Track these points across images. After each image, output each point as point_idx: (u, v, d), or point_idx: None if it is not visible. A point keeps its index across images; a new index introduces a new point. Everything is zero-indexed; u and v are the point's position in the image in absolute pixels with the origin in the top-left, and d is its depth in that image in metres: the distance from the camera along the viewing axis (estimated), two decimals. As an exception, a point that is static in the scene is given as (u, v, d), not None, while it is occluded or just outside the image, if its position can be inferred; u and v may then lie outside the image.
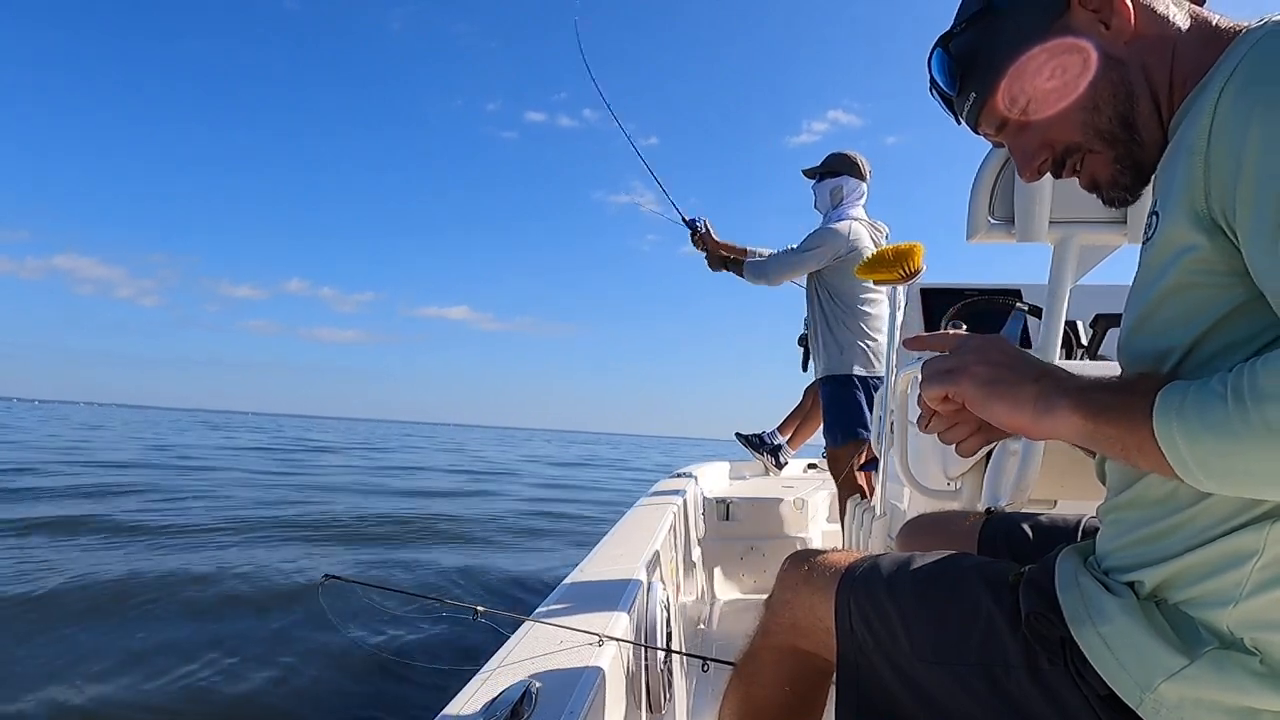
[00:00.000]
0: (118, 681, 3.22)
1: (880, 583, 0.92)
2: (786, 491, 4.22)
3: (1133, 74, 0.74)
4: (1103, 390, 0.67)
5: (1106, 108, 0.75)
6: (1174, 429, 0.60)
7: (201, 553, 5.81)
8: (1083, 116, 0.77)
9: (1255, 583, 0.66)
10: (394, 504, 9.79)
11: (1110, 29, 0.75)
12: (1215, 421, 0.57)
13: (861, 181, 3.44)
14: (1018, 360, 0.73)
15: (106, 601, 4.32)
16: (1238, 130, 0.60)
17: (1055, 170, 0.82)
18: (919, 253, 1.96)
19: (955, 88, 0.84)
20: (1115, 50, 0.75)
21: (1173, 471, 0.61)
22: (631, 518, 2.81)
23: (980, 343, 0.76)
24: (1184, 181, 0.65)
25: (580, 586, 1.79)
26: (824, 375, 3.48)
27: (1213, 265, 0.65)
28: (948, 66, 0.84)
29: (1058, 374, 0.71)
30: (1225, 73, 0.63)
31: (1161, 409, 0.61)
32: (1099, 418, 0.66)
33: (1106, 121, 0.76)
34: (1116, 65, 0.75)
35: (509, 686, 1.13)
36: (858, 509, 2.91)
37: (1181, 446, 0.60)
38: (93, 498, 8.57)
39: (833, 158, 3.47)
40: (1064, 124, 0.78)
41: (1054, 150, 0.81)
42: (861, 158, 3.45)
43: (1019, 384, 0.71)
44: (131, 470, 12.31)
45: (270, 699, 3.19)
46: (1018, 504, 1.42)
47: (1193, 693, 0.67)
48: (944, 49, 0.83)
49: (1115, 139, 0.77)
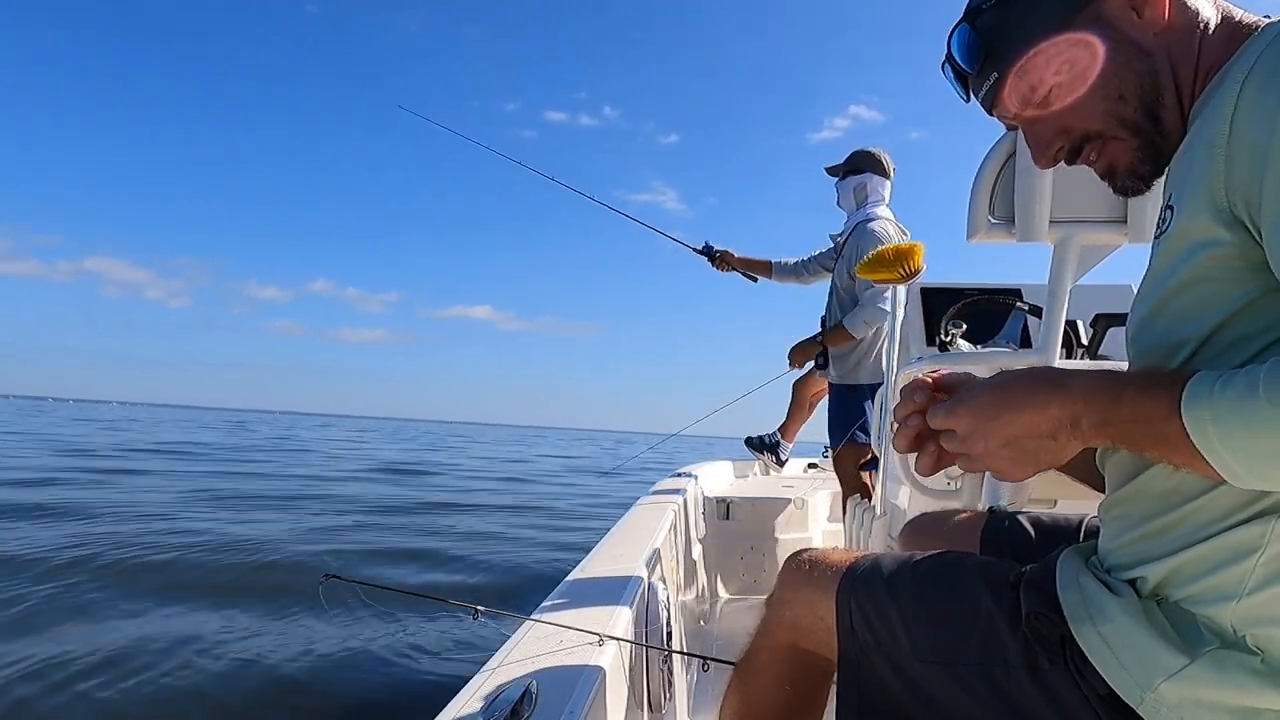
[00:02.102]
0: (97, 679, 3.21)
1: (881, 582, 0.92)
2: (787, 491, 4.22)
3: (1160, 65, 0.74)
4: (1121, 422, 0.65)
5: (1133, 98, 0.74)
6: (1216, 446, 0.59)
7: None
8: (1108, 105, 0.75)
9: (1259, 578, 0.65)
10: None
11: (1143, 18, 0.74)
12: (1260, 431, 0.57)
13: (886, 179, 3.41)
14: (1020, 434, 0.70)
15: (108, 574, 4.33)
16: (1261, 123, 0.60)
17: (1070, 158, 0.81)
18: (919, 252, 1.96)
19: (976, 66, 0.82)
20: (1145, 40, 0.74)
21: (1216, 474, 0.60)
22: (632, 517, 2.81)
23: (980, 426, 0.72)
24: (1203, 174, 0.64)
25: (580, 586, 1.79)
26: (836, 380, 3.49)
27: (1231, 259, 0.65)
28: (972, 44, 0.81)
29: (1060, 410, 0.67)
30: (1245, 65, 0.63)
31: (1196, 429, 0.60)
32: (1134, 447, 0.66)
33: (1132, 111, 0.75)
34: (1145, 55, 0.74)
35: (509, 686, 1.13)
36: (858, 509, 2.91)
37: (1231, 462, 0.59)
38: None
39: (857, 155, 3.43)
40: (1087, 111, 0.77)
41: (1070, 137, 0.79)
42: (885, 154, 3.41)
43: (1044, 444, 0.69)
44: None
45: (269, 698, 3.19)
46: (1018, 504, 1.42)
47: (1193, 692, 0.67)
48: (971, 25, 0.81)
49: (1139, 128, 0.75)
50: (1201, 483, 0.68)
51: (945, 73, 0.86)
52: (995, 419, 0.70)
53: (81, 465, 12.26)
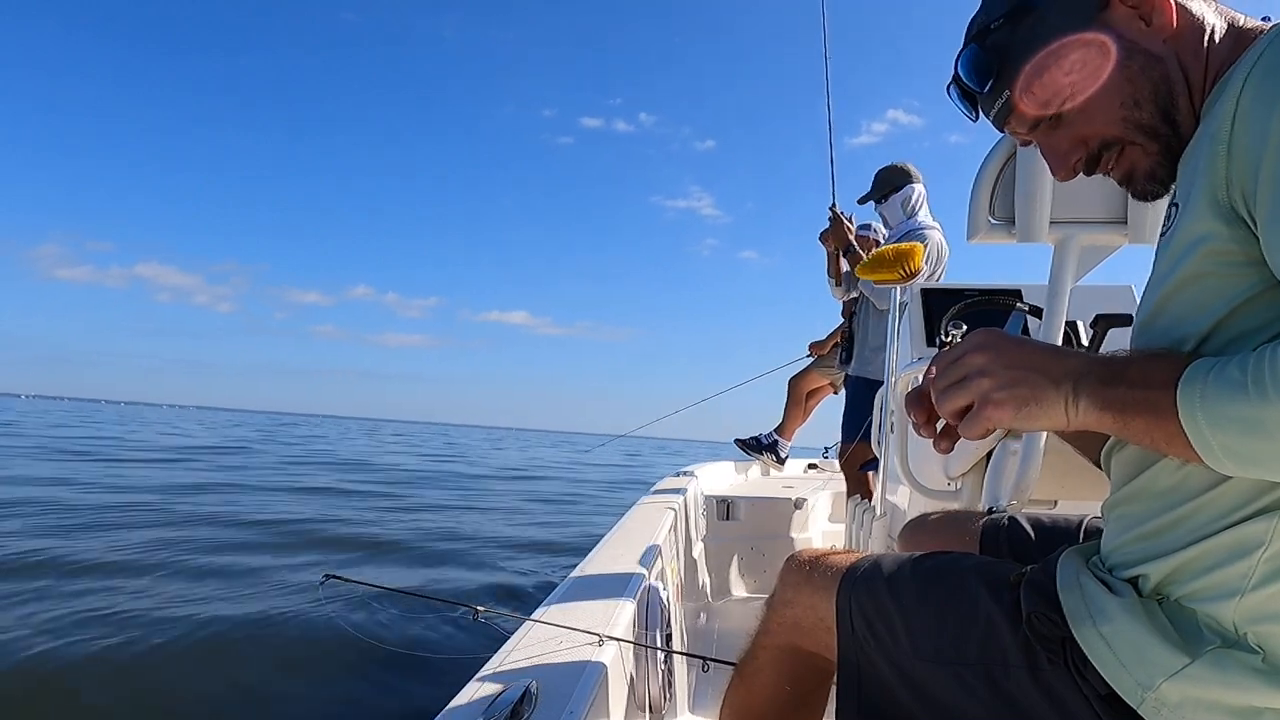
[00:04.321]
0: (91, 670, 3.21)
1: (881, 583, 0.92)
2: (787, 491, 4.23)
3: (1171, 70, 0.74)
4: (1122, 384, 0.65)
5: (1148, 104, 0.75)
6: (1200, 421, 0.60)
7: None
8: (1124, 113, 0.76)
9: (1262, 574, 0.66)
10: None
11: (1151, 26, 0.74)
12: (1240, 412, 0.58)
13: (920, 184, 3.44)
14: (1028, 363, 0.69)
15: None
16: (1261, 118, 0.60)
17: (1089, 167, 0.81)
18: (919, 253, 1.97)
19: (986, 86, 0.82)
20: (1155, 47, 0.74)
21: (1201, 460, 0.62)
22: (632, 517, 2.81)
23: (982, 358, 0.71)
24: (1206, 170, 0.65)
25: (580, 586, 1.79)
26: (855, 374, 3.56)
27: (1229, 254, 0.65)
28: (981, 64, 0.81)
29: (1070, 364, 0.68)
30: (1249, 63, 0.64)
31: (1185, 401, 0.61)
32: (1125, 413, 0.65)
33: (1149, 117, 0.75)
34: (1157, 62, 0.74)
35: (509, 686, 1.13)
36: (858, 509, 2.91)
37: (1209, 436, 0.60)
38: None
39: (888, 173, 3.45)
40: (1102, 120, 0.77)
41: (1089, 147, 0.80)
42: (908, 164, 3.46)
43: (1043, 393, 0.68)
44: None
45: (268, 698, 3.18)
46: (1018, 504, 1.42)
47: (1194, 692, 0.67)
48: (980, 46, 0.81)
49: (1157, 133, 0.76)
50: (1206, 480, 0.68)
51: (950, 94, 0.87)
52: (1013, 342, 0.71)
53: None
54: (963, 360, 0.71)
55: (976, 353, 0.71)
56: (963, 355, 0.72)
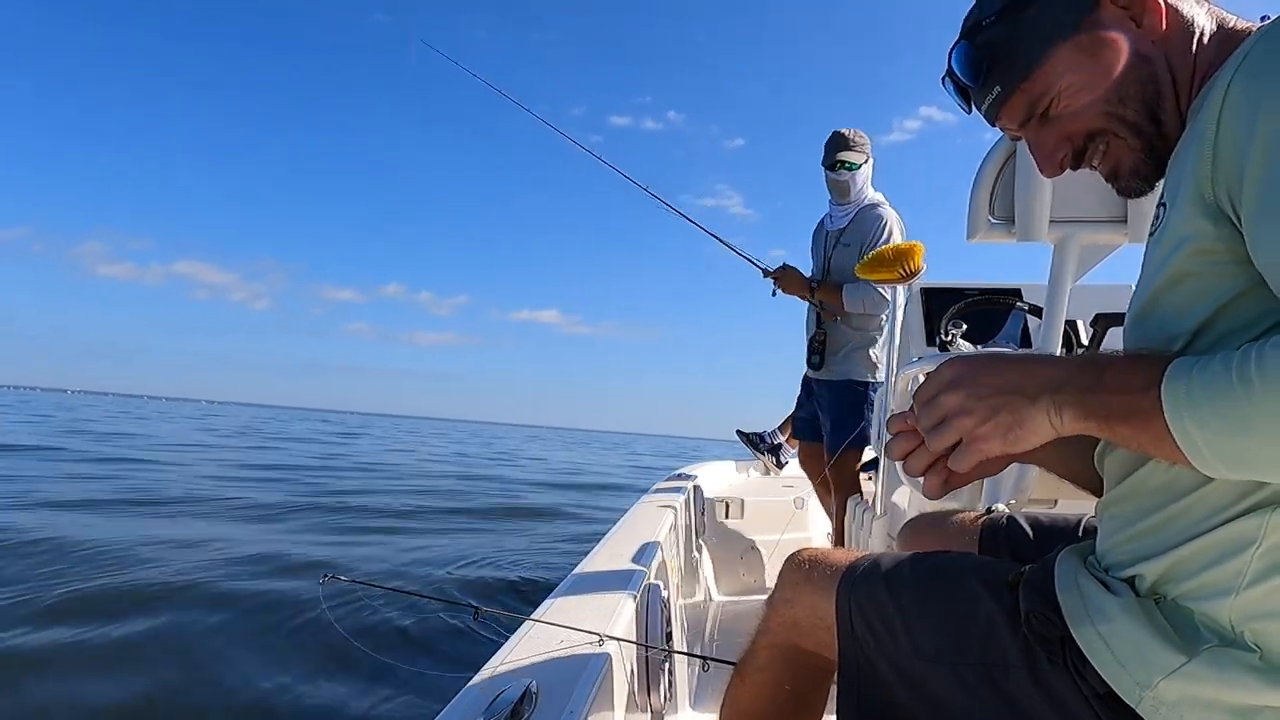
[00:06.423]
0: (91, 680, 3.21)
1: (881, 582, 0.92)
2: (787, 491, 4.23)
3: (1159, 70, 0.75)
4: (1101, 390, 0.65)
5: (1134, 101, 0.76)
6: (1186, 421, 0.60)
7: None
8: (1108, 109, 0.77)
9: (1256, 571, 0.66)
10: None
11: (1142, 26, 0.75)
12: (1226, 409, 0.57)
13: (871, 159, 3.28)
14: (1003, 386, 0.69)
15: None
16: (1246, 117, 0.61)
17: (1074, 162, 0.82)
18: (919, 252, 1.97)
19: (979, 81, 0.83)
20: (1144, 47, 0.76)
21: (1189, 461, 0.61)
22: (632, 516, 2.81)
23: (955, 397, 0.70)
24: (1192, 170, 0.66)
25: (581, 586, 1.79)
26: (839, 377, 3.50)
27: (1215, 252, 0.65)
28: (973, 59, 0.82)
29: (1046, 375, 0.68)
30: (1234, 65, 0.64)
31: (1170, 400, 0.60)
32: (1109, 420, 0.65)
33: (1134, 114, 0.77)
34: (1145, 62, 0.76)
35: (509, 686, 1.13)
36: (858, 509, 2.91)
37: (1196, 436, 0.59)
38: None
39: (856, 137, 3.20)
40: (1088, 116, 0.78)
41: (1074, 142, 0.81)
42: (860, 132, 3.25)
43: (1024, 414, 0.67)
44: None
45: (268, 698, 3.18)
46: (1018, 504, 1.42)
47: (1192, 690, 0.67)
48: (971, 42, 0.82)
49: (1140, 129, 0.77)
50: (1196, 477, 0.68)
51: (946, 86, 0.87)
52: (982, 368, 0.70)
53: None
54: (937, 403, 0.71)
55: (949, 392, 0.71)
56: (936, 397, 0.72)
